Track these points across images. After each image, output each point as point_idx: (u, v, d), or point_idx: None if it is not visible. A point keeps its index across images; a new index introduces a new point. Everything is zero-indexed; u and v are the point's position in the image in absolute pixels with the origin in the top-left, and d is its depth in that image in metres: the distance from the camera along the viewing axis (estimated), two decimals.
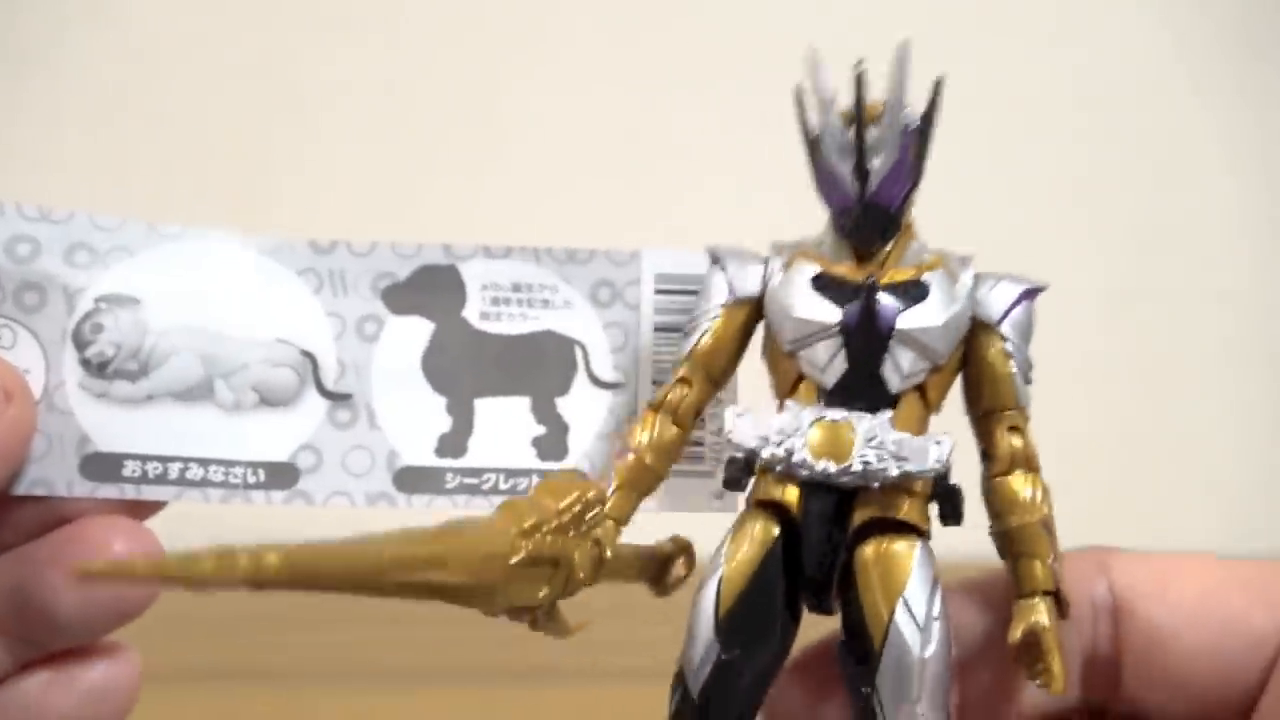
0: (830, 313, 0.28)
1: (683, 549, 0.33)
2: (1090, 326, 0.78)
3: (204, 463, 0.33)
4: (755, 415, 0.29)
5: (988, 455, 0.30)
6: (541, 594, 0.28)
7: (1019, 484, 0.29)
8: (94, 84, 0.85)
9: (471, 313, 0.35)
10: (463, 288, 0.35)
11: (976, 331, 0.29)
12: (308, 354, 0.34)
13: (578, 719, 0.62)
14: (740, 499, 0.30)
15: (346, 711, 0.64)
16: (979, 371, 0.29)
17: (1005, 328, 0.29)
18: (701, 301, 0.31)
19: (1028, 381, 0.30)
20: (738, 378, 0.32)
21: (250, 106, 0.85)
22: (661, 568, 0.32)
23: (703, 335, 0.30)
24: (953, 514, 0.29)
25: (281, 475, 0.33)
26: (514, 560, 0.26)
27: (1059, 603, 0.28)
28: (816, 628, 0.31)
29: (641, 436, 0.30)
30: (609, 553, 0.29)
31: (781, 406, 0.29)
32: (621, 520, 0.30)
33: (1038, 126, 0.81)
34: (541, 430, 0.34)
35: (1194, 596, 0.30)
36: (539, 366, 0.34)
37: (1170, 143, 0.84)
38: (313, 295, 0.34)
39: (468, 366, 0.34)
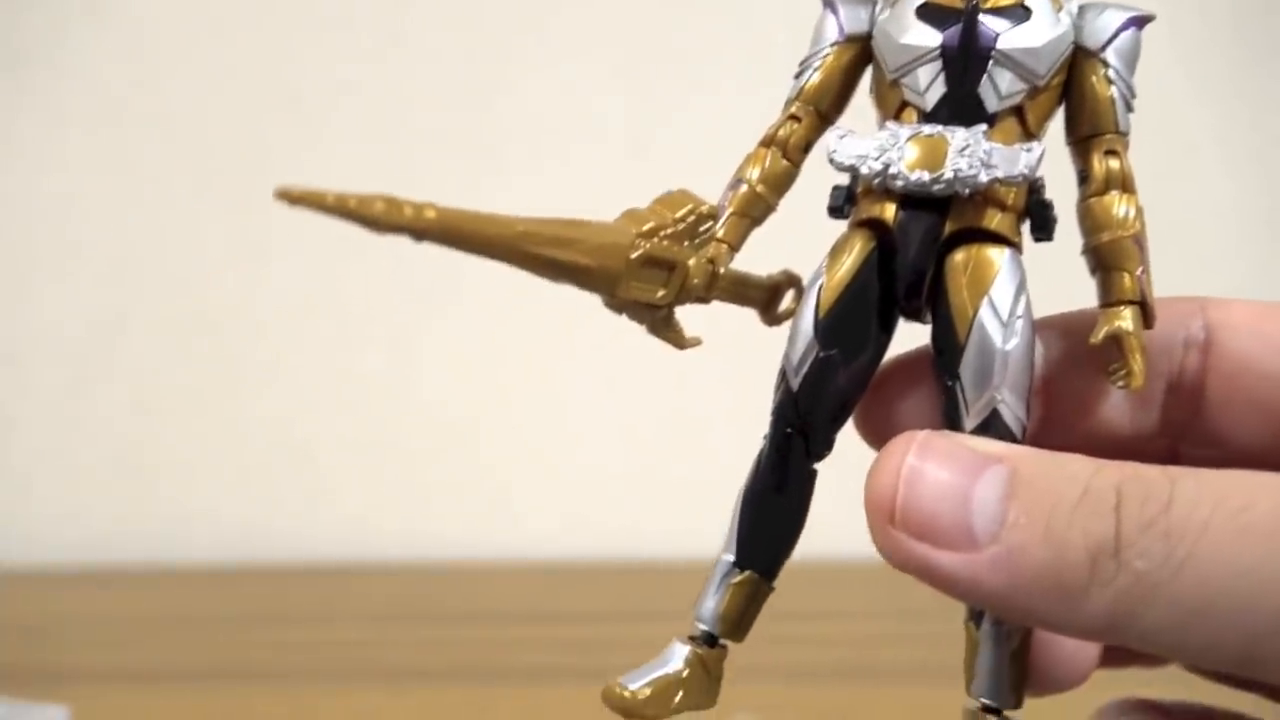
0: (931, 37, 0.29)
1: (793, 281, 0.33)
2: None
3: None
4: (856, 136, 0.29)
5: (1084, 178, 0.30)
6: (659, 294, 0.30)
7: (1113, 203, 0.29)
8: (95, 83, 0.85)
9: None
10: None
11: (1079, 58, 0.29)
12: None
13: (577, 719, 0.62)
14: None
15: (346, 711, 0.64)
16: (1080, 97, 0.30)
17: (1108, 54, 0.29)
18: (813, 44, 0.31)
19: (1129, 109, 0.30)
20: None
21: (250, 106, 0.85)
22: (771, 296, 0.33)
23: (813, 72, 0.31)
24: (1043, 227, 0.29)
25: None
26: (633, 255, 0.29)
27: (1145, 313, 0.29)
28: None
29: (752, 171, 0.31)
30: (721, 269, 0.31)
31: (882, 129, 0.30)
32: (734, 244, 0.31)
33: None
34: None
35: None
36: None
37: (1168, 144, 0.84)
38: None
39: None
